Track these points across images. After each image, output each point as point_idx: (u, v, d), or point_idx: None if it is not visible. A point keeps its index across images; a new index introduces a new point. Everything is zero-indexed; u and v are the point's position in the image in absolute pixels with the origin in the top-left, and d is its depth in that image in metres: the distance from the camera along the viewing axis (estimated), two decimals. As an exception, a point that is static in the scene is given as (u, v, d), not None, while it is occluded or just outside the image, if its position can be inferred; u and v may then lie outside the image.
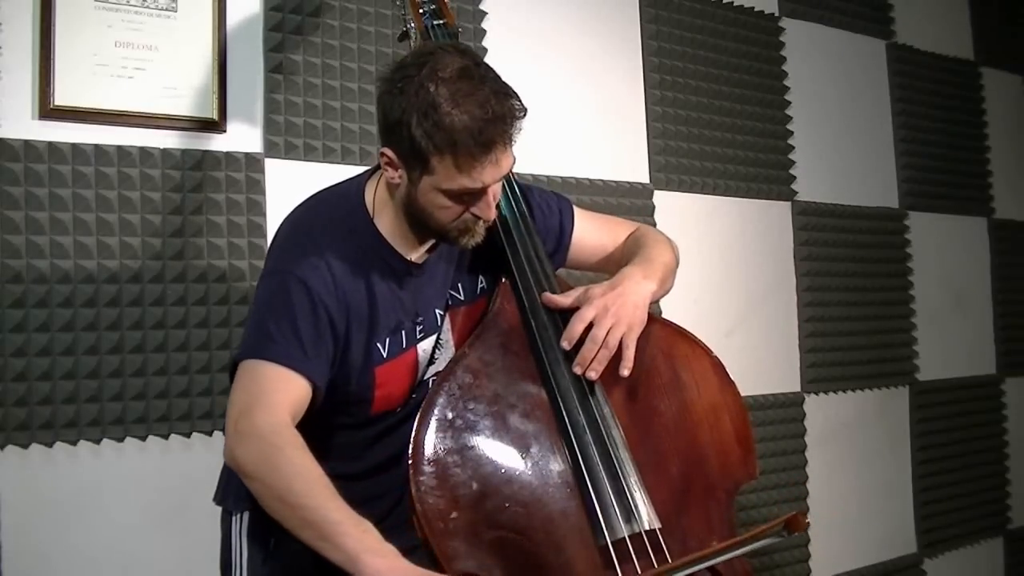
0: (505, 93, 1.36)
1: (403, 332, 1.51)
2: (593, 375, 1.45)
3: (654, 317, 1.59)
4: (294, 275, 1.41)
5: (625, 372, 1.47)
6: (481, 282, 1.61)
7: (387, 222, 1.48)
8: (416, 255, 1.51)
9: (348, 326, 1.44)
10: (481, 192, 1.39)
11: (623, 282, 1.51)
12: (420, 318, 1.53)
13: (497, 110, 1.33)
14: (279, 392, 1.35)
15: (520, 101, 1.38)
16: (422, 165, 1.36)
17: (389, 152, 1.39)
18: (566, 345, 1.47)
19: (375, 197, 1.48)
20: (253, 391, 1.35)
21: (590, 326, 1.47)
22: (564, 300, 1.51)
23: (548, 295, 1.52)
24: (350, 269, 1.44)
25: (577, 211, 1.70)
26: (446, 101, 1.31)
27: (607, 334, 1.46)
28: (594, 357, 1.45)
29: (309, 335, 1.39)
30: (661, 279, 1.58)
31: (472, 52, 1.41)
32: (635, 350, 1.50)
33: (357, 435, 1.55)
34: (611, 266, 1.73)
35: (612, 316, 1.46)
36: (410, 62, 1.37)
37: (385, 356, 1.50)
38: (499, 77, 1.38)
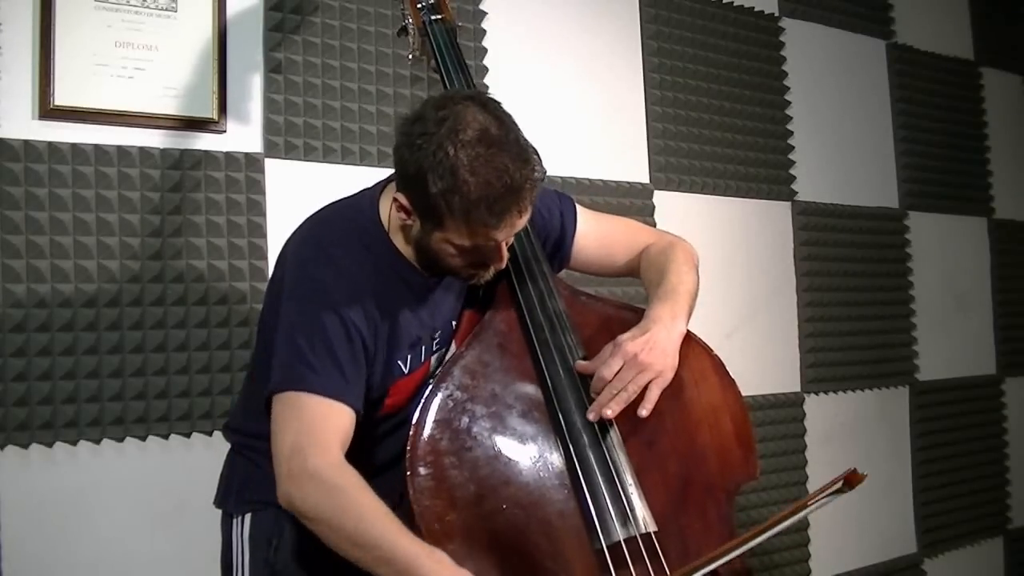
0: (524, 159, 1.32)
1: (421, 347, 1.51)
2: (609, 413, 1.41)
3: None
4: (325, 302, 1.38)
5: (643, 413, 1.42)
6: (483, 284, 1.60)
7: (402, 239, 1.47)
8: (429, 273, 1.50)
9: (376, 345, 1.44)
10: (494, 247, 1.38)
11: (652, 327, 1.45)
12: (437, 332, 1.53)
13: (515, 179, 1.30)
14: (328, 427, 1.34)
15: (540, 163, 1.35)
16: (435, 222, 1.35)
17: (402, 199, 1.37)
18: (596, 391, 1.43)
19: (390, 214, 1.46)
20: (301, 429, 1.33)
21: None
22: (594, 363, 1.45)
23: (580, 363, 1.47)
24: (372, 288, 1.43)
25: (582, 212, 1.68)
26: (463, 167, 1.29)
27: (630, 382, 1.41)
28: (611, 399, 1.42)
29: (347, 361, 1.37)
30: (689, 311, 1.54)
31: (494, 105, 1.36)
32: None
33: (360, 437, 1.54)
34: (620, 272, 1.72)
35: (639, 365, 1.42)
36: (430, 115, 1.33)
37: (406, 372, 1.50)
38: (520, 137, 1.35)
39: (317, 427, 1.33)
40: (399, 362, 1.48)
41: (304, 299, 1.41)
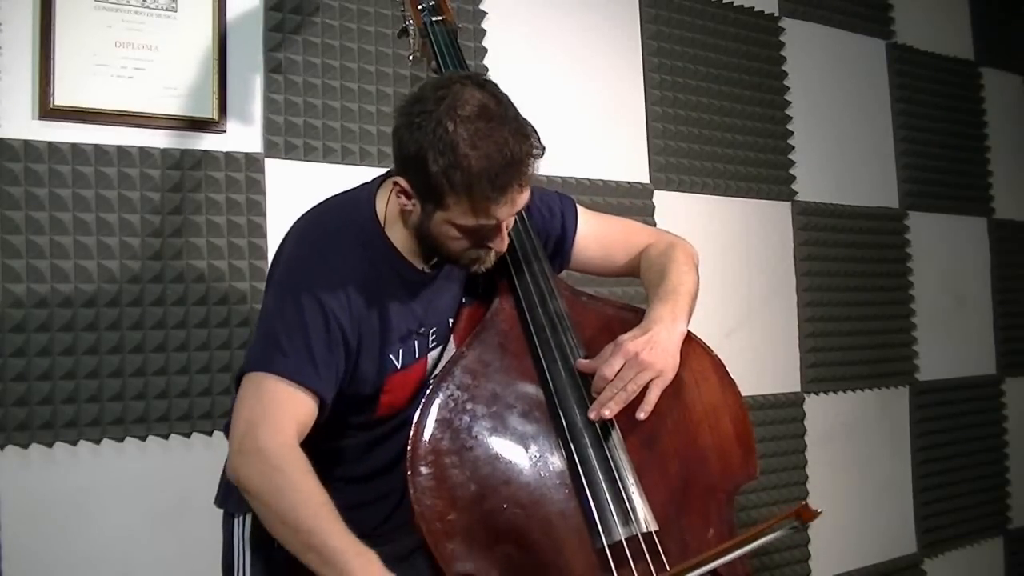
0: (523, 133, 1.33)
1: (415, 343, 1.51)
2: (608, 413, 1.42)
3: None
4: (308, 290, 1.39)
5: (641, 415, 1.42)
6: (483, 283, 1.60)
7: (399, 234, 1.46)
8: (428, 264, 1.50)
9: (360, 340, 1.44)
10: (495, 227, 1.38)
11: (653, 327, 1.46)
12: (433, 329, 1.53)
13: (515, 153, 1.31)
14: (286, 409, 1.34)
15: (538, 139, 1.36)
16: (436, 201, 1.35)
17: (403, 182, 1.37)
18: (595, 394, 1.44)
19: (387, 209, 1.46)
20: (259, 407, 1.34)
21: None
22: (595, 362, 1.46)
23: (581, 362, 1.48)
24: (362, 282, 1.43)
25: (582, 212, 1.68)
26: (464, 142, 1.29)
27: (630, 381, 1.42)
28: (611, 398, 1.42)
29: (321, 352, 1.37)
30: (690, 311, 1.54)
31: (491, 84, 1.37)
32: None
33: (360, 437, 1.55)
34: (620, 272, 1.72)
35: (639, 364, 1.42)
36: (428, 95, 1.34)
37: (399, 366, 1.49)
38: (518, 113, 1.36)
39: (274, 408, 1.34)
40: (391, 356, 1.48)
41: (287, 287, 1.42)
